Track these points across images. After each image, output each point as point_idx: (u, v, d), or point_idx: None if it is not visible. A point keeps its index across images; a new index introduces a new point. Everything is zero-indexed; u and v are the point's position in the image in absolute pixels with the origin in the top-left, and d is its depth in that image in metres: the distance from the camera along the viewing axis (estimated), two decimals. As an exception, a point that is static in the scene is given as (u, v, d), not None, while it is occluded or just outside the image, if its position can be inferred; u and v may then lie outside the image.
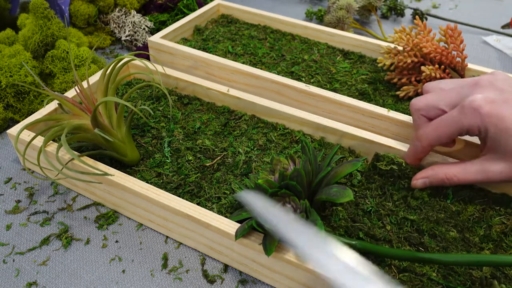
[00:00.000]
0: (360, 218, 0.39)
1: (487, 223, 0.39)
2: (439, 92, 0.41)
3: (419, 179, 0.40)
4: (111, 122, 0.43)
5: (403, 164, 0.42)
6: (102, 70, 0.45)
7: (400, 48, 0.59)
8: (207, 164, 0.45)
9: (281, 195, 0.34)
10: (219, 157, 0.46)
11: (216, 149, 0.47)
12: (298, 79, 0.58)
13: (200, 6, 0.77)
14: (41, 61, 0.57)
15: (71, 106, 0.43)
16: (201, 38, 0.67)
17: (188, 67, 0.60)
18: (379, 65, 0.57)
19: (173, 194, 0.42)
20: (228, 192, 0.42)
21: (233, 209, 0.40)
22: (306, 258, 0.28)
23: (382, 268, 0.36)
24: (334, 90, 0.57)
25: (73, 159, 0.41)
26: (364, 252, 0.36)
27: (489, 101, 0.36)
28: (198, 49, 0.63)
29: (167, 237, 0.42)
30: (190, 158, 0.46)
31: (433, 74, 0.53)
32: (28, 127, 0.46)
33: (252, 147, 0.47)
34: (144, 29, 0.72)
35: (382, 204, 0.40)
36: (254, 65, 0.61)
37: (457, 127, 0.37)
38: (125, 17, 0.73)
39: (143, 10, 0.78)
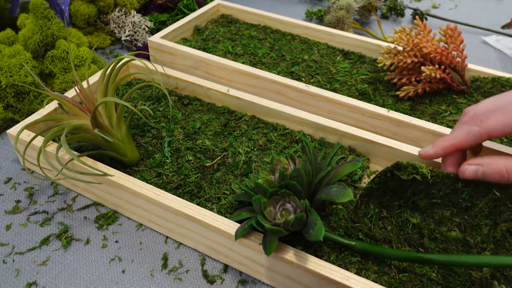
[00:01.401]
0: (360, 218, 0.39)
1: (495, 221, 0.38)
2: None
3: (472, 165, 0.34)
4: (111, 122, 0.43)
5: (429, 176, 0.37)
6: (102, 70, 0.45)
7: (400, 48, 0.59)
8: (207, 164, 0.45)
9: (281, 194, 0.34)
10: (219, 157, 0.46)
11: (216, 149, 0.47)
12: (298, 79, 0.58)
13: (200, 6, 0.77)
14: (41, 61, 0.57)
15: (71, 106, 0.43)
16: (201, 38, 0.67)
17: (188, 67, 0.60)
18: (379, 65, 0.57)
19: (173, 194, 0.42)
20: (228, 193, 0.42)
21: (233, 210, 0.40)
22: None
23: (382, 268, 0.36)
24: (334, 90, 0.57)
25: (72, 159, 0.41)
26: (363, 253, 0.36)
27: None
28: (198, 49, 0.63)
29: (167, 237, 0.42)
30: (190, 158, 0.46)
31: (433, 74, 0.53)
32: (28, 127, 0.46)
33: (252, 147, 0.47)
34: (144, 29, 0.72)
35: (385, 205, 0.40)
36: (254, 65, 0.61)
37: None
38: (125, 17, 0.73)
39: (143, 10, 0.78)
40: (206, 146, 0.47)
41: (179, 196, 0.42)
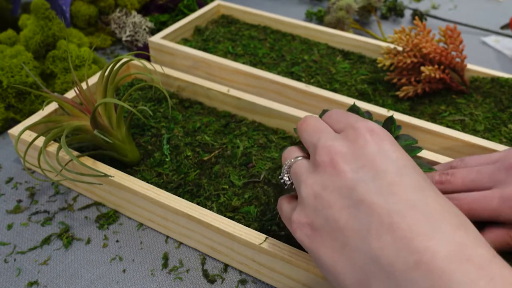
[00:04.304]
0: None
1: None
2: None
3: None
4: (111, 122, 0.43)
5: None
6: (101, 71, 0.45)
7: (400, 48, 0.59)
8: (205, 158, 0.45)
9: None
10: (217, 151, 0.46)
11: (216, 143, 0.47)
12: (298, 79, 0.59)
13: (201, 6, 0.77)
14: (42, 61, 0.57)
15: (71, 107, 0.43)
16: (202, 39, 0.67)
17: (188, 67, 0.61)
18: (379, 65, 0.58)
19: (173, 194, 0.42)
20: (227, 187, 0.42)
21: (232, 207, 0.41)
22: None
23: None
24: (334, 90, 0.57)
25: (72, 160, 0.41)
26: None
27: None
28: (199, 49, 0.64)
29: (167, 236, 0.42)
30: (189, 153, 0.46)
31: (432, 75, 0.53)
32: (29, 128, 0.46)
33: (252, 144, 0.47)
34: (144, 29, 0.72)
35: None
36: (254, 65, 0.61)
37: (493, 216, 0.34)
38: (126, 17, 0.73)
39: (144, 11, 0.78)
40: (205, 141, 0.47)
41: (179, 196, 0.42)
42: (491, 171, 0.34)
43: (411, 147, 0.36)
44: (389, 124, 0.36)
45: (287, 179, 0.31)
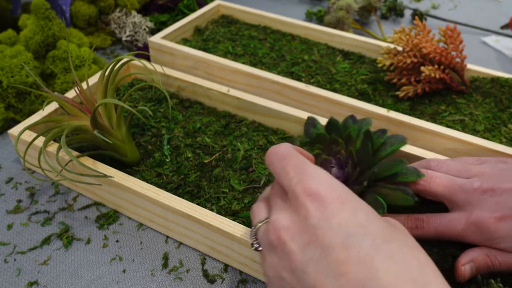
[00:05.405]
0: None
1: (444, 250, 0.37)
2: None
3: (466, 265, 0.34)
4: (111, 122, 0.43)
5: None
6: (101, 71, 0.45)
7: (400, 48, 0.59)
8: (206, 161, 0.45)
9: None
10: (218, 153, 0.46)
11: (216, 145, 0.47)
12: (298, 79, 0.59)
13: (201, 6, 0.77)
14: (42, 61, 0.57)
15: (71, 107, 0.43)
16: (202, 39, 0.67)
17: (188, 67, 0.61)
18: (379, 65, 0.58)
19: (173, 194, 0.42)
20: (227, 190, 0.42)
21: (232, 211, 0.41)
22: None
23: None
24: (334, 90, 0.57)
25: (72, 160, 0.41)
26: None
27: (499, 218, 0.33)
28: (199, 49, 0.64)
29: (167, 237, 0.42)
30: (189, 155, 0.46)
31: (432, 75, 0.53)
32: (29, 128, 0.46)
33: (252, 146, 0.47)
34: (144, 29, 0.72)
35: None
36: (254, 65, 0.61)
37: (459, 238, 0.35)
38: (126, 17, 0.73)
39: (144, 11, 0.78)
40: (205, 143, 0.47)
41: (179, 197, 0.42)
42: (469, 188, 0.35)
43: (394, 161, 0.34)
44: (368, 138, 0.36)
45: (258, 245, 0.31)
